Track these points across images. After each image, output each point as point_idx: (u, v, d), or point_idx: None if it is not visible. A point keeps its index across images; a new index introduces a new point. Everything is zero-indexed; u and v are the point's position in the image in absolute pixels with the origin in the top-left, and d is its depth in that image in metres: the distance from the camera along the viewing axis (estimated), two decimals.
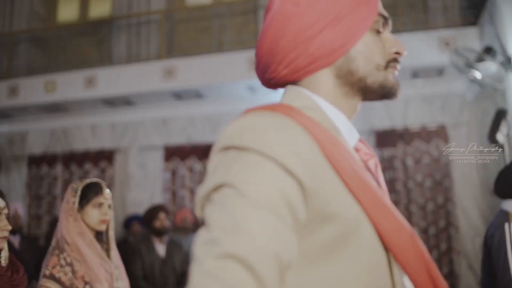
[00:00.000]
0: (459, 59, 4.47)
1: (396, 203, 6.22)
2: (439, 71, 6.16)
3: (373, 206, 0.78)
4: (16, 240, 5.02)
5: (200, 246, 0.69)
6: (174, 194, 7.34)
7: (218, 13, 7.80)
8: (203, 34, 7.96)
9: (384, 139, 6.46)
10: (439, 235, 6.04)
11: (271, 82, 0.98)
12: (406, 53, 0.94)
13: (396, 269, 0.82)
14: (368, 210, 0.78)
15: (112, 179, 7.53)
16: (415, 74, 6.24)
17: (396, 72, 0.95)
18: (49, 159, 7.89)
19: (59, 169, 7.79)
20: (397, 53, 0.94)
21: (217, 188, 0.74)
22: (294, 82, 0.95)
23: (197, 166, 7.31)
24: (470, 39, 5.76)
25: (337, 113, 0.91)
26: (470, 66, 4.54)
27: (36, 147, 8.25)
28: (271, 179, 0.72)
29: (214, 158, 0.79)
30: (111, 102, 7.49)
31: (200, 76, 6.79)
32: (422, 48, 5.86)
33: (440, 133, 6.24)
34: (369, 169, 0.93)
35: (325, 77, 0.92)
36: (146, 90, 7.00)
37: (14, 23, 8.95)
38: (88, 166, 7.63)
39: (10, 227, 2.02)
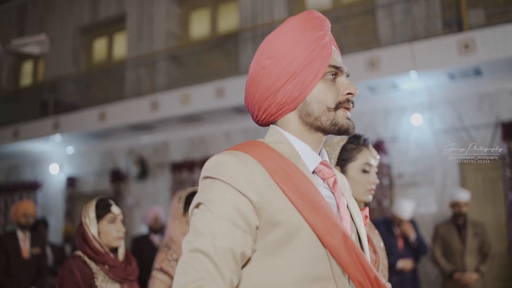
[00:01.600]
0: None
1: None
2: None
3: (311, 214, 1.11)
4: (157, 239, 5.85)
5: (184, 244, 1.11)
6: None
7: (338, 16, 8.14)
8: None
9: None
10: None
11: (259, 123, 1.33)
12: (358, 91, 1.27)
13: (334, 261, 1.13)
14: (306, 217, 1.10)
15: None
16: None
17: (348, 112, 1.25)
18: (189, 165, 8.80)
19: (198, 174, 8.64)
20: (350, 93, 1.24)
21: (197, 205, 1.14)
22: (273, 122, 1.30)
23: None
24: None
25: (301, 144, 1.24)
26: None
27: (177, 154, 9.23)
28: (229, 198, 1.10)
29: (200, 183, 1.19)
30: (241, 110, 8.16)
31: None
32: None
33: None
34: (328, 185, 1.25)
35: (292, 118, 1.26)
36: None
37: (154, 44, 10.09)
38: None
39: (124, 230, 2.66)
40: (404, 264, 5.15)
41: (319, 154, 1.30)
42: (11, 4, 13.01)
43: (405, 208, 5.18)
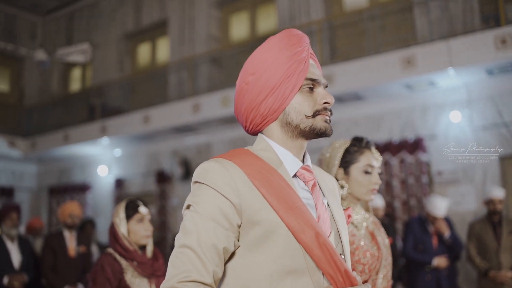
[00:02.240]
0: None
1: None
2: None
3: (286, 214, 1.25)
4: None
5: (175, 241, 1.26)
6: None
7: (374, 14, 8.17)
8: (362, 37, 8.39)
9: None
10: None
11: (249, 132, 1.48)
12: (333, 100, 1.39)
13: (308, 256, 1.27)
14: (282, 217, 1.25)
15: None
16: None
17: (327, 117, 1.38)
18: None
19: None
20: (326, 102, 1.37)
21: (187, 207, 1.31)
22: (261, 131, 1.45)
23: None
24: None
25: (283, 151, 1.39)
26: None
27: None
28: (213, 201, 1.25)
29: (191, 187, 1.34)
30: None
31: (358, 79, 7.24)
32: None
33: None
34: (309, 187, 1.39)
35: (275, 127, 1.40)
36: None
37: (195, 47, 10.36)
38: None
39: (152, 228, 2.89)
40: (439, 261, 5.19)
41: (303, 159, 1.45)
42: (59, 13, 13.59)
43: (439, 206, 5.21)
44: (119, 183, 11.06)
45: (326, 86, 1.43)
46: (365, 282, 2.15)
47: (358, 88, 7.32)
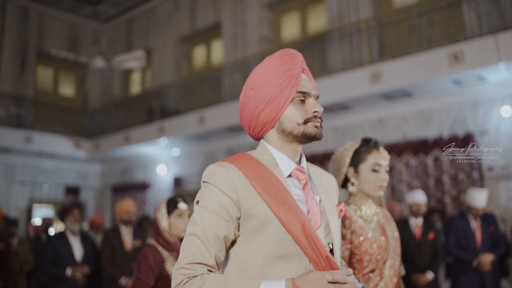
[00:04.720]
0: None
1: None
2: None
3: (277, 208, 1.49)
4: None
5: (187, 230, 1.52)
6: (393, 188, 8.02)
7: (422, 10, 8.19)
8: (410, 34, 8.43)
9: None
10: None
11: (253, 138, 1.71)
12: (322, 110, 1.59)
13: (295, 243, 1.50)
14: (274, 211, 1.48)
15: None
16: None
17: (317, 123, 1.59)
18: None
19: None
20: (316, 111, 1.58)
21: (197, 202, 1.55)
22: (262, 137, 1.68)
23: (412, 161, 7.85)
24: None
25: (280, 154, 1.62)
26: None
27: None
28: (216, 197, 1.50)
29: (201, 185, 1.59)
30: (330, 109, 8.45)
31: (405, 76, 7.31)
32: None
33: None
34: (301, 186, 1.61)
35: (273, 134, 1.63)
36: (357, 94, 7.79)
37: (248, 48, 10.67)
38: None
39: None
40: (482, 260, 5.07)
41: (299, 161, 1.68)
42: (119, 20, 14.28)
43: (477, 197, 5.14)
44: (177, 182, 11.52)
45: (318, 97, 1.65)
46: (372, 270, 2.39)
47: (406, 84, 7.38)
